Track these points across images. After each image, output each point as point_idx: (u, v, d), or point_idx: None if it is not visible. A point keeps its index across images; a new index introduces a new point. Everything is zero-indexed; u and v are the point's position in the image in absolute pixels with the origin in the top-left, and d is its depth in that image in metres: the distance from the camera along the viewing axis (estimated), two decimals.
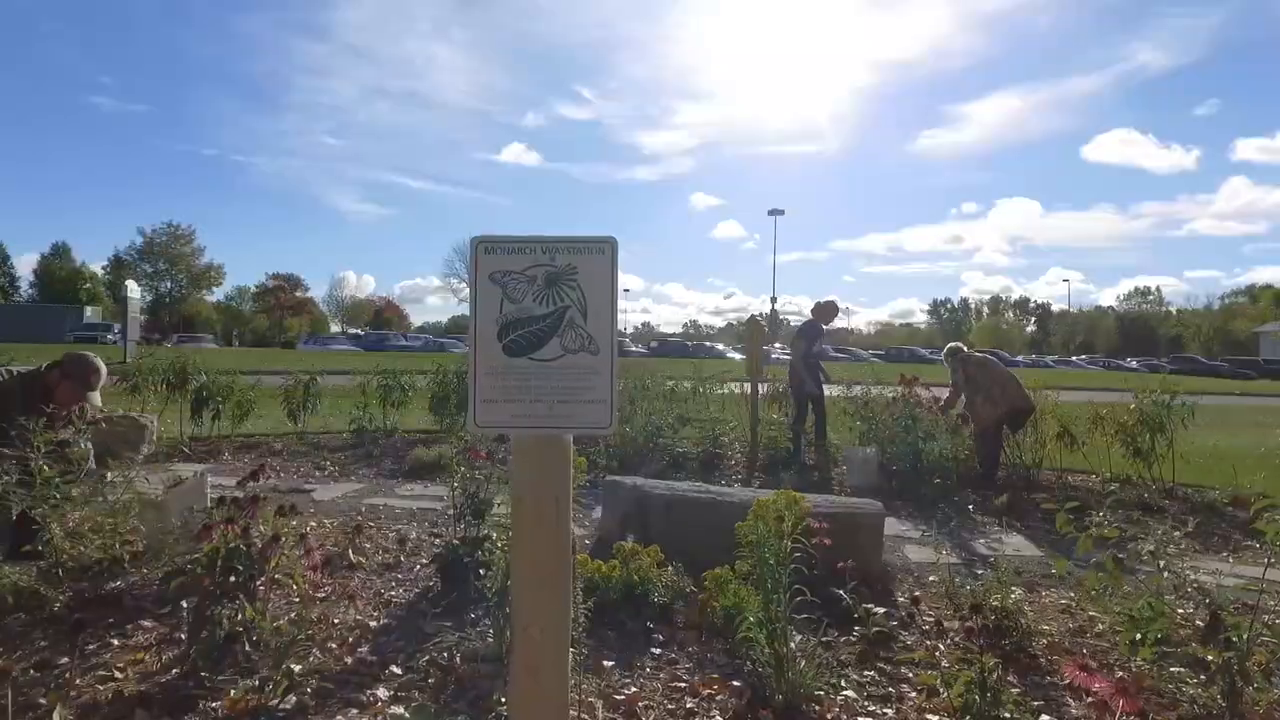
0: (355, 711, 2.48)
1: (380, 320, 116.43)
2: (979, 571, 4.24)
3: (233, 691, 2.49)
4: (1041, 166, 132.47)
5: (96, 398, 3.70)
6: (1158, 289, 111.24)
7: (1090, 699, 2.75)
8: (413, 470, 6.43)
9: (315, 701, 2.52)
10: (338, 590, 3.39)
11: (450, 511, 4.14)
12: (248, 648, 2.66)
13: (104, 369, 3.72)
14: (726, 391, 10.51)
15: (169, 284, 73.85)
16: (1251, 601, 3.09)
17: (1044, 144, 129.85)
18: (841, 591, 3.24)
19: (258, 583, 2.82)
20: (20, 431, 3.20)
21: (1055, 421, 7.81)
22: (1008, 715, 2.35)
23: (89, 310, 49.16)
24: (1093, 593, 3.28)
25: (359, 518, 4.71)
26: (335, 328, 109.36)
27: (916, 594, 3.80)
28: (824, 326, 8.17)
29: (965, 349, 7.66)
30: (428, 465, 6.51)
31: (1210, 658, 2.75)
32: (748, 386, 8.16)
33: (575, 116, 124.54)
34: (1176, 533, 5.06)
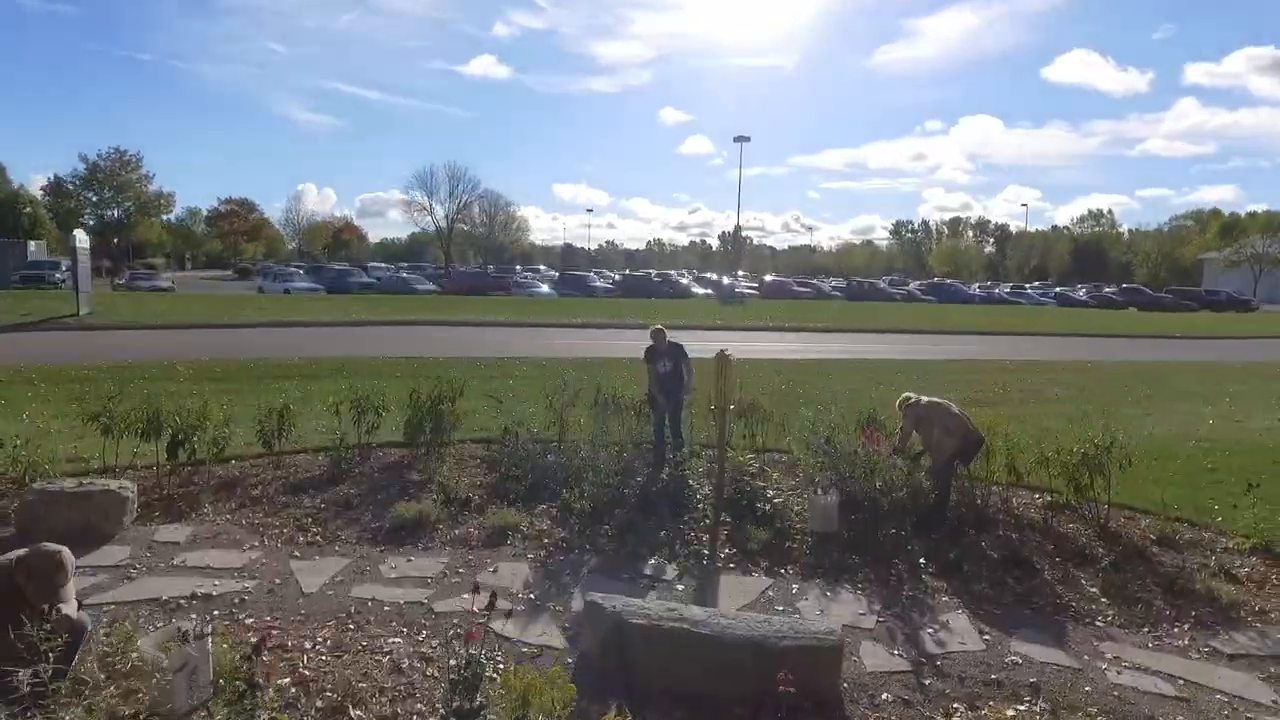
0: None
1: (339, 242, 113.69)
2: (927, 682, 4.67)
3: None
4: (1002, 84, 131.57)
5: (70, 591, 3.77)
6: (1110, 211, 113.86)
7: None
8: (394, 531, 6.64)
9: None
10: None
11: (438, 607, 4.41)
12: None
13: (71, 564, 3.79)
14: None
15: (116, 212, 70.81)
16: None
17: (1004, 62, 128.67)
18: None
19: None
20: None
21: (1003, 457, 8.28)
22: None
23: (33, 245, 47.02)
24: None
25: (351, 627, 4.95)
26: (293, 248, 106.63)
27: None
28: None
29: (915, 396, 8.06)
30: (409, 524, 6.73)
31: None
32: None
33: (530, 25, 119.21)
34: (1099, 621, 5.58)
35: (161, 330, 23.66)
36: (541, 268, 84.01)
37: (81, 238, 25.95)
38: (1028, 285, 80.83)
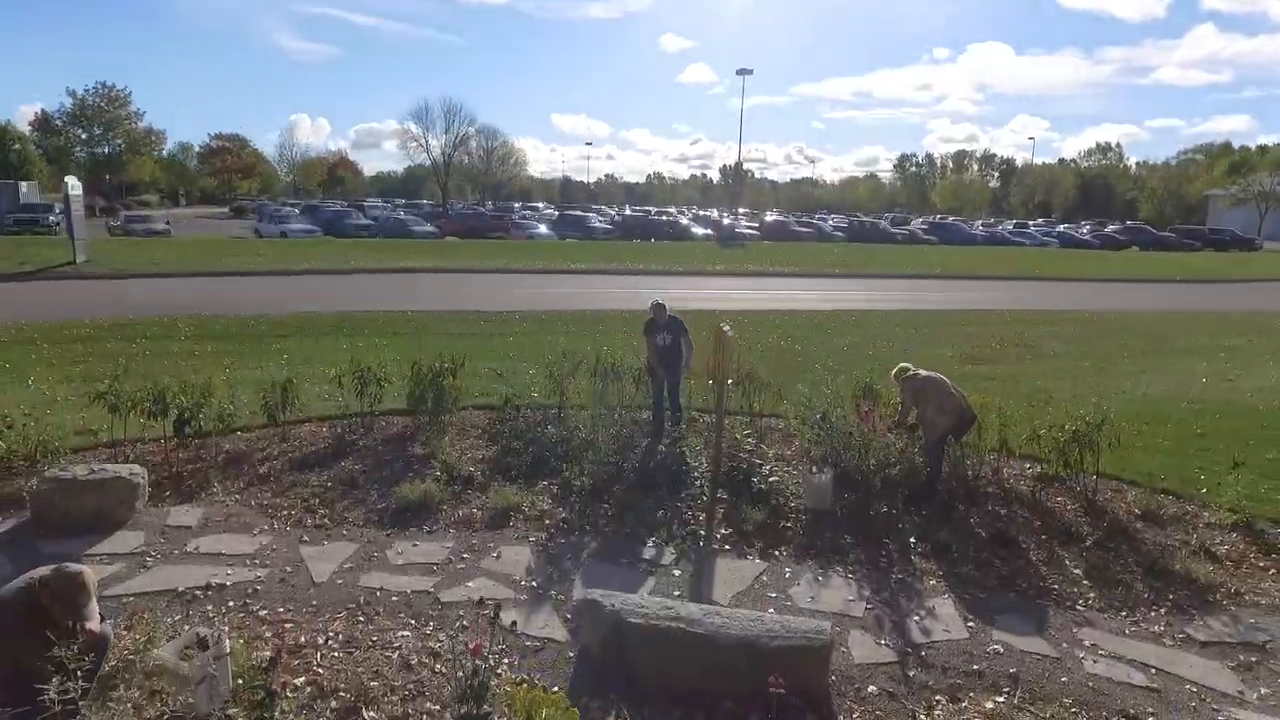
0: None
1: (334, 178, 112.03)
2: (911, 674, 4.90)
3: None
4: (1016, 9, 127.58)
5: (93, 608, 3.93)
6: (1118, 144, 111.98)
7: None
8: (400, 513, 6.83)
9: None
10: None
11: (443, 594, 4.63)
12: None
13: (93, 583, 3.92)
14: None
15: (106, 149, 69.57)
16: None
17: None
18: None
19: None
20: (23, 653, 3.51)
21: (996, 432, 8.43)
22: None
23: (24, 187, 46.30)
24: None
25: (361, 619, 5.17)
26: (287, 183, 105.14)
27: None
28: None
29: (913, 369, 8.11)
30: (414, 505, 6.91)
31: None
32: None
33: None
34: (1080, 605, 5.80)
35: (160, 279, 23.57)
36: (540, 205, 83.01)
37: (74, 184, 25.61)
38: (1031, 223, 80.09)
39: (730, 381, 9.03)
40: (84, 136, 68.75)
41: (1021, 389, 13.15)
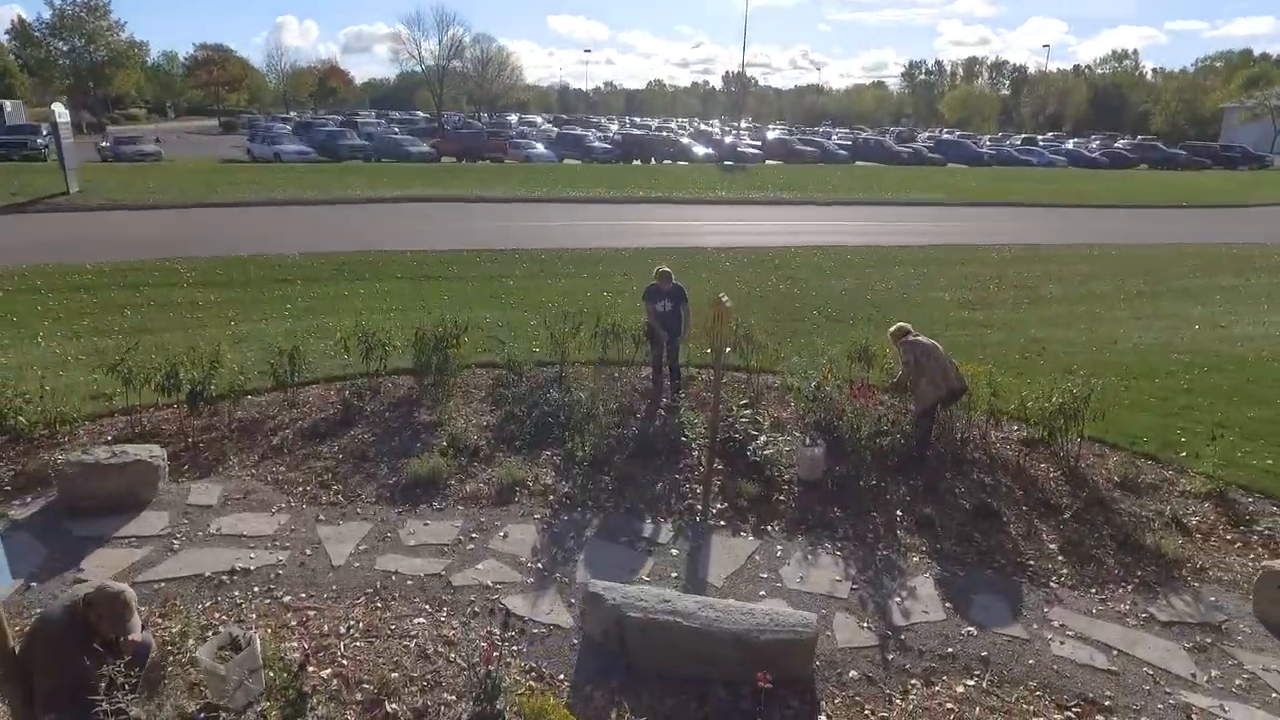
0: None
1: (325, 89, 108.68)
2: (890, 657, 5.30)
3: None
4: None
5: (135, 621, 4.23)
6: (1135, 51, 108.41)
7: None
8: (409, 489, 7.14)
9: None
10: None
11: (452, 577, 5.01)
12: None
13: (134, 600, 4.21)
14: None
15: (90, 59, 67.36)
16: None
17: None
18: None
19: None
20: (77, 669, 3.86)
21: (985, 404, 8.67)
22: None
23: (9, 106, 45.04)
24: None
25: (379, 605, 5.53)
26: (278, 94, 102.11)
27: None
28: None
29: (912, 332, 8.23)
30: (423, 481, 7.22)
31: None
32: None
33: None
34: (1053, 582, 6.17)
35: (155, 212, 23.38)
36: (538, 120, 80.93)
37: (61, 111, 25.06)
38: (1040, 138, 78.39)
39: (728, 350, 9.22)
40: (65, 48, 66.43)
41: (1016, 339, 13.38)
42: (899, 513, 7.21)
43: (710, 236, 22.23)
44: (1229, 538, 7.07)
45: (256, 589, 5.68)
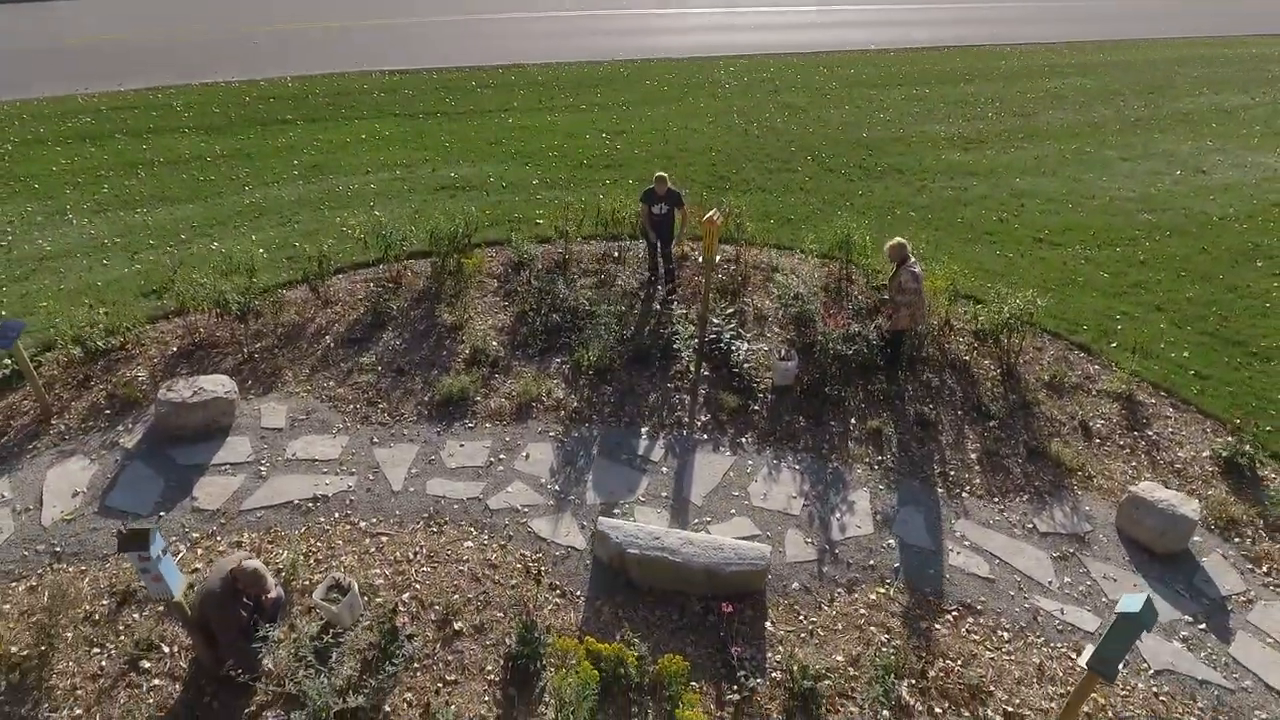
0: None
1: None
2: (825, 570, 7.00)
3: None
4: None
5: (270, 582, 5.78)
6: None
7: None
8: (443, 406, 8.48)
9: None
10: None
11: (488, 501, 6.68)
12: None
13: (267, 573, 5.70)
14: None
15: None
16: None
17: None
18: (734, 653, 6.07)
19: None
20: (238, 620, 5.53)
21: (944, 310, 9.73)
22: None
23: None
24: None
25: (434, 530, 7.15)
26: None
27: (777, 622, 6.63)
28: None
29: (909, 254, 8.80)
30: (455, 398, 8.56)
31: None
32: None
33: None
34: (965, 492, 7.75)
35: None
36: None
37: None
38: None
39: (718, 259, 10.08)
40: None
41: (999, 192, 13.97)
42: (853, 421, 8.64)
43: (708, 34, 21.35)
44: (1122, 443, 8.57)
45: (336, 515, 7.26)
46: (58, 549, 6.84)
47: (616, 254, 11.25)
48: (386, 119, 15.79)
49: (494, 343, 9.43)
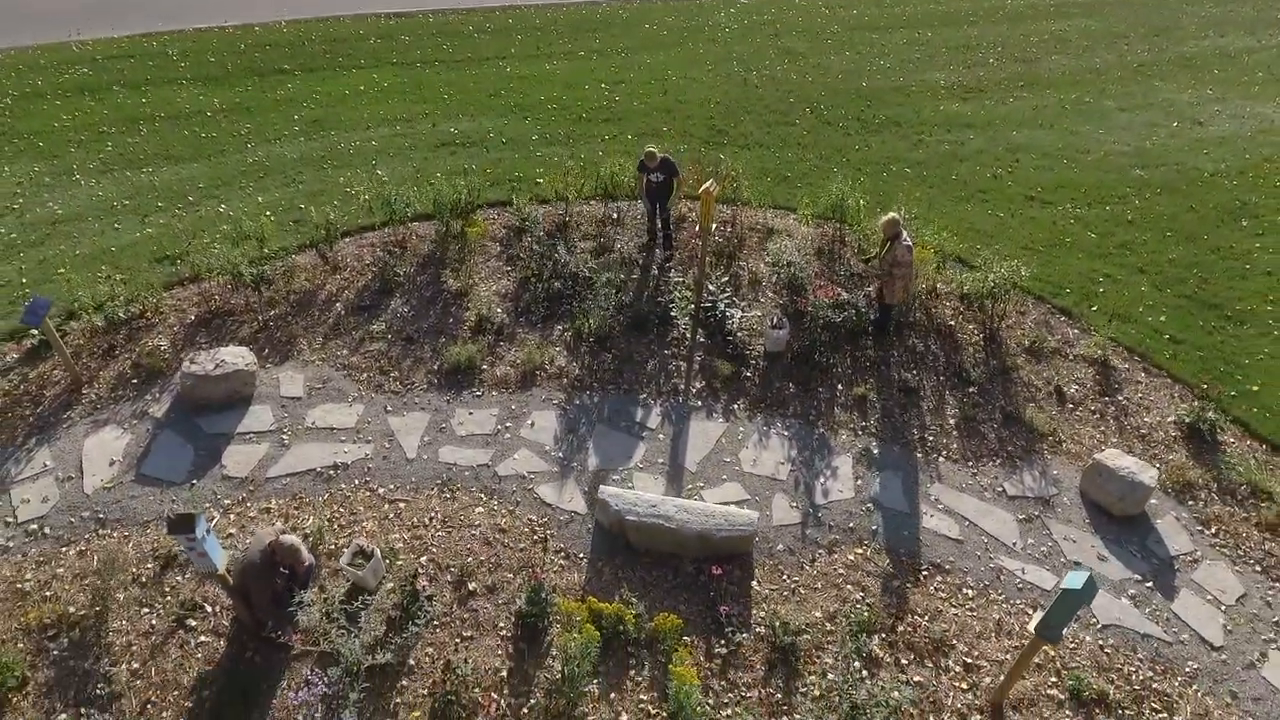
0: None
1: None
2: (808, 532, 7.60)
3: None
4: None
5: (304, 553, 6.37)
6: None
7: None
8: (451, 375, 8.94)
9: None
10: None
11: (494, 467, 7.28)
12: None
13: (303, 546, 6.31)
14: None
15: None
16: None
17: None
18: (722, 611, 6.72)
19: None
20: (275, 588, 6.16)
21: (933, 276, 10.09)
22: None
23: None
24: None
25: (447, 496, 7.71)
26: None
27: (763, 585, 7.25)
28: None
29: (902, 229, 9.06)
30: (462, 366, 9.01)
31: None
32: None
33: None
34: (942, 457, 8.29)
35: None
36: None
37: None
38: None
39: (714, 227, 10.37)
40: None
41: (995, 146, 14.11)
42: (840, 388, 9.13)
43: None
44: (1093, 409, 9.08)
45: (356, 481, 7.82)
46: (101, 516, 7.43)
47: (616, 216, 11.52)
48: (384, 68, 15.72)
49: (498, 309, 9.83)
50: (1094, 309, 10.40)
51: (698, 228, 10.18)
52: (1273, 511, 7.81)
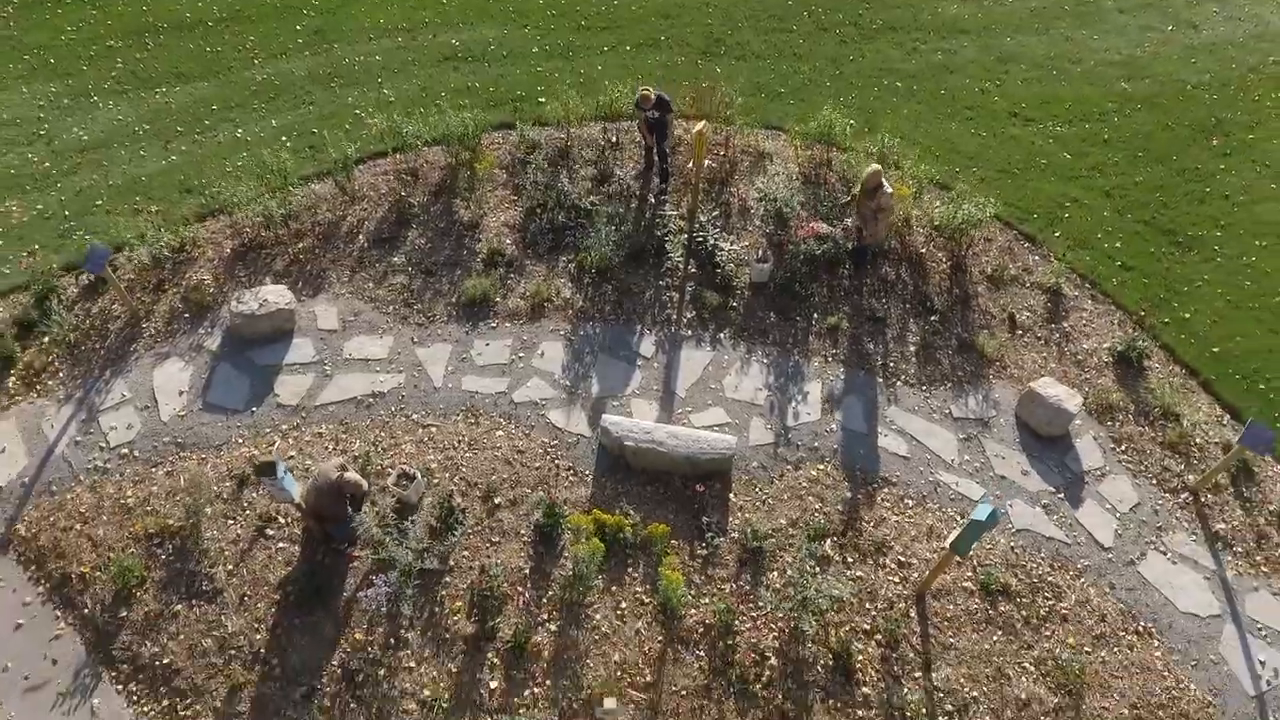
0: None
1: None
2: (779, 451, 8.93)
3: None
4: None
5: (361, 482, 7.71)
6: None
7: None
8: (468, 307, 9.98)
9: None
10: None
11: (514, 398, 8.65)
12: None
13: (363, 482, 7.64)
14: None
15: None
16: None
17: None
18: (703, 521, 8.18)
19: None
20: (344, 512, 7.58)
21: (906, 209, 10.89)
22: None
23: None
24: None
25: (472, 421, 8.99)
26: None
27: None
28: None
29: (885, 181, 9.72)
30: (477, 299, 10.04)
31: None
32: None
33: None
34: (899, 381, 9.53)
35: None
36: None
37: None
38: None
39: (707, 162, 11.02)
40: None
41: (987, 56, 14.30)
42: (815, 317, 10.19)
43: None
44: (1040, 335, 10.19)
45: (392, 408, 9.10)
46: (179, 440, 8.78)
47: (615, 139, 12.09)
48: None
49: (507, 241, 10.72)
50: (1057, 235, 11.26)
51: (690, 164, 10.87)
52: (1175, 431, 9.14)
